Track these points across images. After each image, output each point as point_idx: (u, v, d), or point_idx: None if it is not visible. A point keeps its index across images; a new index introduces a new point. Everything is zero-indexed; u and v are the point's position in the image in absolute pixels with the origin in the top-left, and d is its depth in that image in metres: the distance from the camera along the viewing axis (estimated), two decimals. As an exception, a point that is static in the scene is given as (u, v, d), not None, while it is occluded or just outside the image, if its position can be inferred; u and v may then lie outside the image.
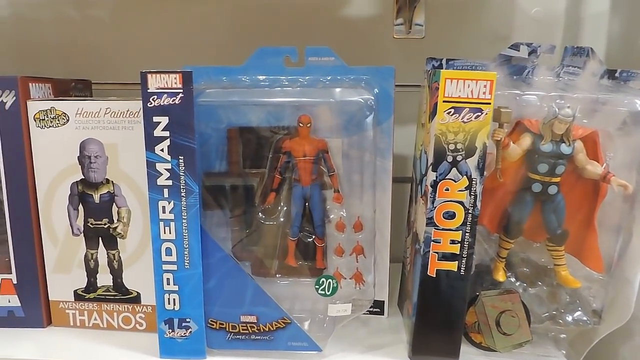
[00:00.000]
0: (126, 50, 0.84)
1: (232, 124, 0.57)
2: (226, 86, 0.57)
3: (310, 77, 0.58)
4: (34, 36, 0.85)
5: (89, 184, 0.58)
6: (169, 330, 0.55)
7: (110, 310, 0.61)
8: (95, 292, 0.61)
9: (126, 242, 0.59)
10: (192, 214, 0.52)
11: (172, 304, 0.54)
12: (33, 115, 0.57)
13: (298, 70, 0.58)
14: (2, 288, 0.61)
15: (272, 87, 0.57)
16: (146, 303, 0.60)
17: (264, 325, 0.55)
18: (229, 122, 0.57)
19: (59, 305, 0.62)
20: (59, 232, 0.60)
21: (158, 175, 0.51)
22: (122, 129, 0.56)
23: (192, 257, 0.53)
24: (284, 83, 0.58)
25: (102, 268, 0.60)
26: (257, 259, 0.59)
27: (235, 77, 0.59)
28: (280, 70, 0.59)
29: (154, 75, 0.49)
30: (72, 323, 0.62)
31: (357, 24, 0.83)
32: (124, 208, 0.58)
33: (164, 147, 0.50)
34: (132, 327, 0.61)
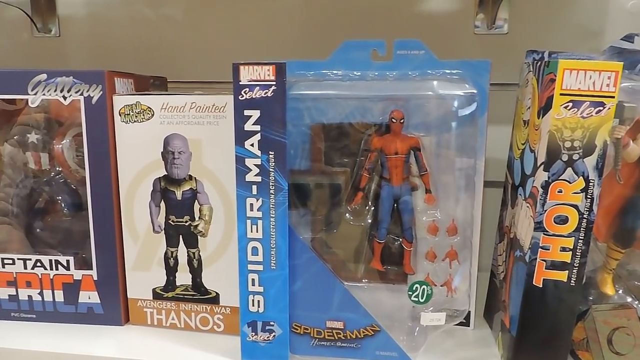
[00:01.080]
0: (199, 48, 0.83)
1: (315, 120, 0.55)
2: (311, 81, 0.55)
3: (398, 72, 0.55)
4: (110, 35, 0.86)
5: (171, 180, 0.57)
6: (252, 333, 0.52)
7: (188, 310, 0.60)
8: (173, 291, 0.59)
9: (207, 240, 0.57)
10: (280, 212, 0.49)
11: (256, 306, 0.52)
12: (118, 110, 0.57)
13: (385, 65, 0.55)
14: (83, 284, 0.60)
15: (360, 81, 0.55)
16: (225, 304, 0.58)
17: (351, 332, 0.52)
18: (312, 119, 0.55)
19: (137, 303, 0.61)
20: (140, 229, 0.59)
21: (247, 171, 0.49)
22: (207, 124, 0.55)
23: (279, 258, 0.50)
24: (371, 77, 0.55)
25: (182, 267, 0.59)
26: (339, 262, 0.56)
27: (319, 71, 0.56)
28: (366, 65, 0.56)
29: (247, 66, 0.48)
30: (149, 322, 0.61)
31: (434, 18, 0.79)
32: (206, 206, 0.57)
33: (254, 141, 0.49)
34: (210, 329, 0.59)
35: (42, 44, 0.89)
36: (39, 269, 0.61)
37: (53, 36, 0.88)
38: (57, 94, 0.57)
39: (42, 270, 0.61)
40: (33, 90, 0.57)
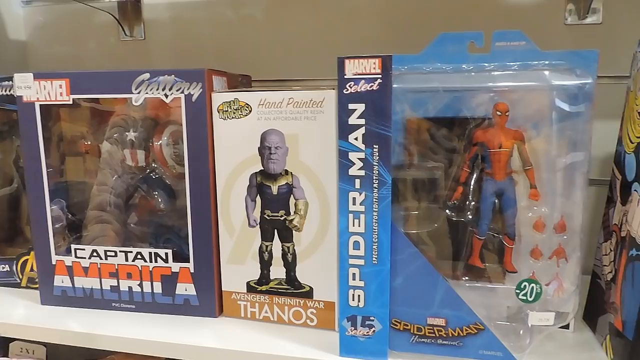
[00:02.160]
0: (279, 47, 0.85)
1: (410, 114, 0.54)
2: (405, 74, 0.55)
3: (497, 64, 0.54)
4: (192, 36, 0.89)
5: (267, 175, 0.58)
6: (351, 327, 0.52)
7: (281, 304, 0.60)
8: (267, 285, 0.60)
9: (302, 235, 0.58)
10: (383, 206, 0.49)
11: (356, 301, 0.52)
12: (217, 106, 0.58)
13: (483, 57, 0.54)
14: (180, 277, 0.62)
15: (457, 74, 0.54)
16: (318, 298, 0.59)
17: (453, 330, 0.51)
18: (408, 113, 0.54)
19: (232, 296, 0.62)
20: (236, 223, 0.60)
21: (350, 165, 0.49)
22: (304, 119, 0.55)
23: (381, 252, 0.50)
24: (467, 69, 0.54)
25: (276, 261, 0.59)
26: (437, 258, 0.56)
27: (413, 65, 0.55)
28: (463, 57, 0.54)
29: (352, 60, 0.48)
30: (242, 314, 0.62)
31: (522, 9, 0.77)
32: (302, 200, 0.57)
33: (358, 135, 0.48)
34: (303, 322, 0.60)
35: (127, 47, 0.93)
36: (139, 261, 0.63)
37: (138, 39, 0.92)
38: (159, 92, 0.59)
39: (142, 263, 0.63)
40: (137, 89, 0.59)
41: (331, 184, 0.55)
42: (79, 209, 0.70)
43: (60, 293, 0.66)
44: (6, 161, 0.79)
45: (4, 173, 0.80)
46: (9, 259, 0.74)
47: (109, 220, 0.70)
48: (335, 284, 0.57)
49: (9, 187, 0.80)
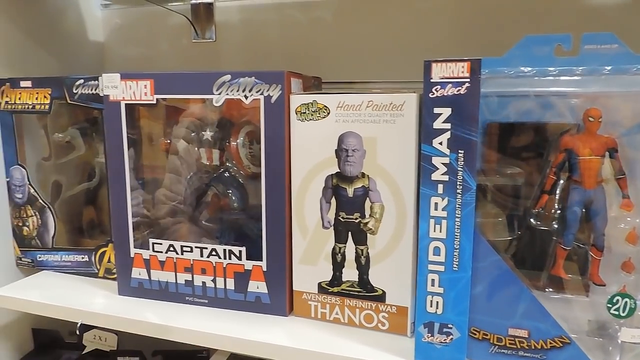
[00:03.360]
0: (349, 49, 0.85)
1: (488, 119, 0.53)
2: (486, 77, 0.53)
3: (587, 67, 0.52)
4: (262, 38, 0.90)
5: (343, 178, 0.58)
6: (428, 334, 0.52)
7: (352, 306, 0.60)
8: (339, 287, 0.60)
9: (376, 238, 0.58)
10: (466, 212, 0.48)
11: (434, 307, 0.51)
12: (295, 108, 0.59)
13: (571, 60, 0.52)
14: (253, 274, 0.64)
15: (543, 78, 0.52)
16: (391, 303, 0.58)
17: (536, 342, 0.49)
18: (488, 117, 0.53)
19: (302, 295, 0.63)
20: (310, 224, 0.60)
21: (433, 170, 0.49)
22: (383, 122, 0.55)
23: (463, 259, 0.49)
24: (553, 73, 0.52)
25: (349, 263, 0.59)
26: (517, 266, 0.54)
27: (494, 68, 0.54)
28: (549, 61, 0.53)
29: (439, 64, 0.47)
30: (313, 315, 0.63)
31: (602, 11, 0.73)
32: (378, 203, 0.57)
33: (443, 140, 0.48)
34: (374, 326, 0.60)
35: (199, 48, 0.95)
36: (214, 258, 0.65)
37: (209, 41, 0.94)
38: (239, 93, 0.60)
39: (217, 259, 0.65)
40: (217, 90, 0.61)
41: (409, 188, 0.55)
42: (154, 205, 0.73)
43: (137, 285, 0.69)
44: (87, 157, 0.83)
45: (85, 168, 0.85)
46: (88, 250, 0.78)
47: (182, 217, 0.73)
48: (409, 289, 0.57)
49: (87, 183, 0.84)
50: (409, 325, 0.58)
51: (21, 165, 0.79)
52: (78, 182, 0.85)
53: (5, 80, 0.77)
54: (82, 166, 0.85)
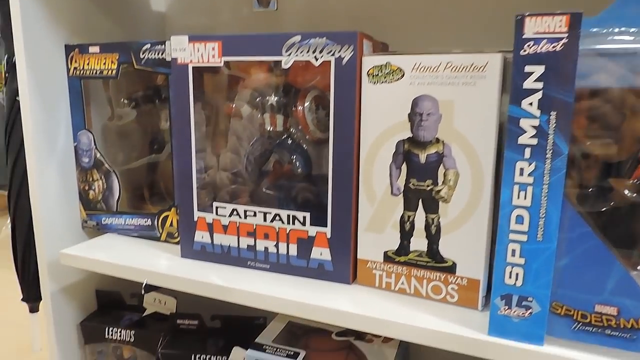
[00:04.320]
0: (414, 17, 0.81)
1: (582, 82, 0.49)
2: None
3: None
4: (323, 6, 0.88)
5: (416, 143, 0.56)
6: (504, 307, 0.49)
7: (419, 277, 0.58)
8: (406, 256, 0.59)
9: (448, 206, 0.55)
10: (555, 179, 0.45)
11: (513, 279, 0.48)
12: (367, 70, 0.57)
13: (675, 20, 0.47)
14: (317, 241, 0.63)
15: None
16: (462, 275, 0.56)
17: (626, 321, 0.46)
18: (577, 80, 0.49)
19: (367, 264, 0.61)
20: (378, 191, 0.59)
21: (520, 133, 0.46)
22: (462, 84, 0.52)
23: (548, 229, 0.46)
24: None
25: (418, 232, 0.58)
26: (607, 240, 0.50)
27: (587, 30, 0.50)
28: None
29: (534, 17, 0.44)
30: (377, 284, 0.61)
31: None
32: (452, 170, 0.54)
33: (533, 100, 0.45)
34: (442, 298, 0.58)
35: (260, 17, 0.94)
36: (277, 223, 0.64)
37: (271, 10, 0.93)
38: (309, 55, 0.59)
39: (280, 224, 0.64)
40: (287, 52, 0.60)
41: (487, 154, 0.52)
42: (216, 170, 0.73)
43: (199, 248, 0.70)
44: (150, 124, 0.84)
45: (147, 136, 0.86)
46: (151, 214, 0.79)
47: (244, 182, 0.73)
48: (482, 260, 0.54)
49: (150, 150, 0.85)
50: (480, 298, 0.55)
51: (88, 130, 0.81)
52: (140, 149, 0.87)
53: (74, 46, 0.78)
54: (145, 133, 0.87)
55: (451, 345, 0.52)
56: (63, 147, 0.81)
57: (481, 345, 0.50)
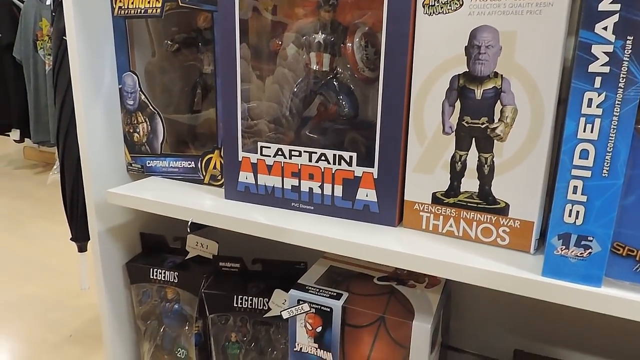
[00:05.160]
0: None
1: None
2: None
3: None
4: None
5: (472, 78, 0.53)
6: (561, 246, 0.47)
7: (469, 219, 0.57)
8: (456, 198, 0.57)
9: (504, 145, 0.53)
10: (627, 110, 0.42)
11: (573, 217, 0.46)
12: (422, 0, 0.54)
13: None
14: (363, 182, 0.62)
15: None
16: (514, 216, 0.54)
17: (694, 262, 0.44)
18: None
19: (414, 206, 0.60)
20: (428, 130, 0.57)
21: (591, 61, 0.43)
22: (527, 13, 0.49)
23: (615, 165, 0.44)
24: None
25: (469, 172, 0.56)
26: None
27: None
28: None
29: None
30: (424, 227, 0.60)
31: None
32: (510, 107, 0.52)
33: (608, 24, 0.42)
34: (492, 241, 0.56)
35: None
36: (323, 163, 0.63)
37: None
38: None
39: (325, 164, 0.63)
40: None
41: (550, 88, 0.49)
42: (259, 112, 0.72)
43: (243, 189, 0.70)
44: (193, 67, 0.84)
45: (190, 78, 0.86)
46: (194, 156, 0.79)
47: (288, 126, 0.72)
48: (537, 201, 0.52)
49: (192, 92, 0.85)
50: (533, 241, 0.54)
51: (132, 72, 0.81)
52: (183, 92, 0.87)
53: (119, -15, 0.78)
54: (188, 77, 0.86)
55: (503, 285, 0.50)
56: (108, 89, 0.81)
57: (535, 286, 0.49)
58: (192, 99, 0.86)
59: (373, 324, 0.66)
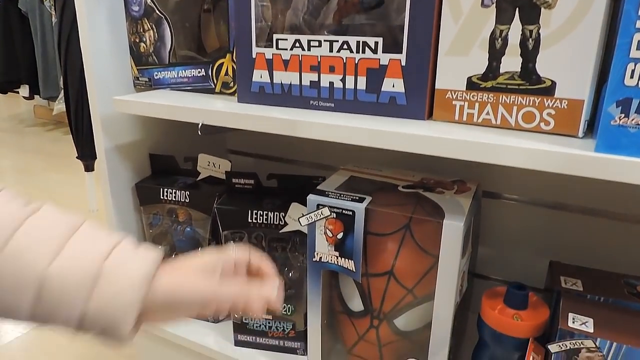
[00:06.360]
0: None
1: None
2: None
3: None
4: None
5: None
6: (620, 114, 0.42)
7: (508, 104, 0.51)
8: (494, 80, 0.51)
9: (552, 13, 0.47)
10: None
11: (636, 79, 0.41)
12: None
13: None
14: (389, 71, 0.56)
15: None
16: (561, 96, 0.49)
17: None
18: None
19: (446, 95, 0.55)
20: (464, 4, 0.51)
21: None
22: None
23: (691, 9, 0.38)
24: None
25: (511, 49, 0.50)
26: None
27: None
28: None
29: None
30: (457, 117, 0.55)
31: None
32: (562, -35, 0.46)
33: None
34: (535, 126, 0.51)
35: None
36: (345, 52, 0.58)
37: None
38: None
39: (348, 54, 0.58)
40: None
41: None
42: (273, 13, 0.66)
43: (257, 89, 0.65)
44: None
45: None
46: (205, 63, 0.74)
47: (303, 25, 0.66)
48: (588, 77, 0.47)
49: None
50: (582, 122, 0.48)
51: (137, -25, 0.75)
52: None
53: None
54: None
55: (551, 165, 0.45)
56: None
57: (588, 162, 0.43)
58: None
59: (398, 231, 0.62)
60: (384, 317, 0.66)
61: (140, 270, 0.40)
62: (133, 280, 0.39)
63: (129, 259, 0.40)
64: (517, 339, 0.57)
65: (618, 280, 0.62)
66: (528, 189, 0.80)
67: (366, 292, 0.65)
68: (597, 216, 0.75)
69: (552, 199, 0.78)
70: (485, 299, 0.61)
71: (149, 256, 0.41)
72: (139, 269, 0.40)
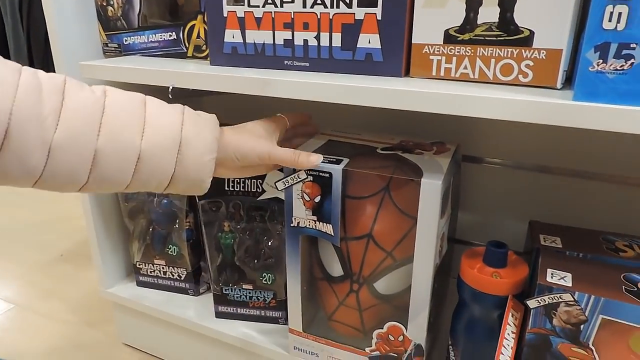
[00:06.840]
0: None
1: None
2: None
3: None
4: None
5: None
6: (598, 60, 0.41)
7: (486, 57, 0.50)
8: (472, 32, 0.50)
9: (530, -42, 0.45)
10: None
11: (614, 22, 0.39)
12: None
13: None
14: (365, 26, 0.54)
15: None
16: (540, 46, 0.47)
17: None
18: None
19: (423, 49, 0.53)
20: (441, -48, 0.49)
21: None
22: None
23: (671, -55, 0.36)
24: None
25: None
26: None
27: None
28: None
29: None
30: (434, 73, 0.53)
31: None
32: None
33: None
34: (513, 79, 0.49)
35: None
36: (319, 7, 0.56)
37: None
38: None
39: (322, 9, 0.56)
40: None
41: None
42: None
43: (230, 50, 0.62)
44: None
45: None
46: (176, 26, 0.71)
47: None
48: (567, 25, 0.45)
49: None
50: (561, 73, 0.47)
51: None
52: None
53: None
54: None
55: (529, 116, 0.44)
56: (75, -50, 0.72)
57: (566, 111, 0.42)
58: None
59: (377, 194, 0.60)
60: (363, 281, 0.65)
61: (212, 132, 0.51)
62: (207, 141, 0.50)
63: (198, 123, 0.50)
64: (496, 296, 0.56)
65: (597, 236, 0.62)
66: (509, 152, 0.79)
67: (345, 257, 0.65)
68: (578, 177, 0.75)
69: (533, 161, 0.78)
70: (464, 259, 0.60)
71: (212, 118, 0.53)
72: (211, 131, 0.51)
